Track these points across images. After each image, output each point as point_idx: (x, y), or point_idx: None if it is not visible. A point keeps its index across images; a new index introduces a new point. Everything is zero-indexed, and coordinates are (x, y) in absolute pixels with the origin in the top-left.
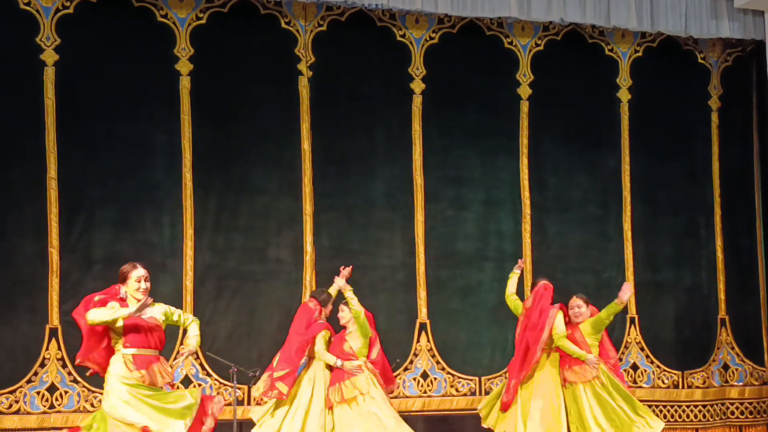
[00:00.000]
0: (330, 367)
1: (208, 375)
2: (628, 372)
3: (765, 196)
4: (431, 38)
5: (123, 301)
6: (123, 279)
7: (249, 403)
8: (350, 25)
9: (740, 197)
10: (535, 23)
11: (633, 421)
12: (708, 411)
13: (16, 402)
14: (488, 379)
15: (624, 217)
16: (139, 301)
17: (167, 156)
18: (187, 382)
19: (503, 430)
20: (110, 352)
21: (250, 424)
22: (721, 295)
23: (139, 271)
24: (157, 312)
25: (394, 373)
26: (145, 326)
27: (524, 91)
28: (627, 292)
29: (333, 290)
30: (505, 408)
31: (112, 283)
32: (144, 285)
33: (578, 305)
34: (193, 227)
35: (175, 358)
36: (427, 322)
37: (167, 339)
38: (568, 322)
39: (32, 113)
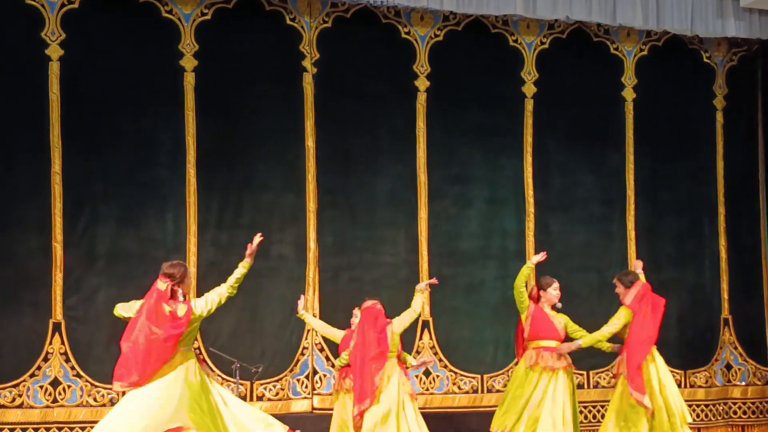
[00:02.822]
0: None
1: (212, 370)
2: None
3: None
4: (436, 36)
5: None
6: (180, 279)
7: (252, 399)
8: (355, 22)
9: (744, 197)
10: (540, 21)
11: None
12: (710, 411)
13: (20, 396)
14: (490, 377)
15: (628, 216)
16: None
17: (171, 152)
18: None
19: None
20: None
21: None
22: (725, 295)
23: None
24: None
25: None
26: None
27: (529, 89)
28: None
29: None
30: None
31: (115, 279)
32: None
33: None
34: (196, 224)
35: None
36: (430, 319)
37: None
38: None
39: (37, 108)
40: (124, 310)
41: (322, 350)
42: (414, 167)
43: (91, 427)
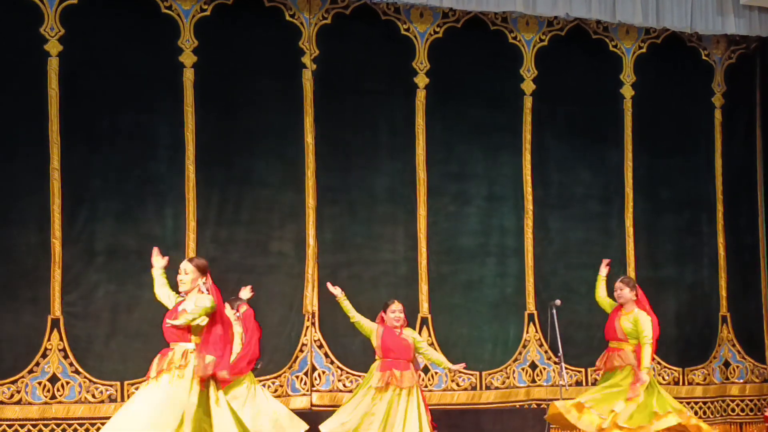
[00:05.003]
0: None
1: None
2: None
3: None
4: (435, 32)
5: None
6: (204, 271)
7: None
8: (355, 19)
9: (743, 194)
10: (539, 18)
11: None
12: (708, 408)
13: (18, 392)
14: (489, 374)
15: (626, 214)
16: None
17: (170, 148)
18: None
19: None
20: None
21: None
22: (723, 292)
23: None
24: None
25: None
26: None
27: (528, 86)
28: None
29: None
30: None
31: (114, 275)
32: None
33: (620, 288)
34: (195, 220)
35: None
36: (429, 316)
37: None
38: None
39: (35, 104)
40: (165, 297)
41: (321, 347)
42: (413, 164)
43: (90, 424)
